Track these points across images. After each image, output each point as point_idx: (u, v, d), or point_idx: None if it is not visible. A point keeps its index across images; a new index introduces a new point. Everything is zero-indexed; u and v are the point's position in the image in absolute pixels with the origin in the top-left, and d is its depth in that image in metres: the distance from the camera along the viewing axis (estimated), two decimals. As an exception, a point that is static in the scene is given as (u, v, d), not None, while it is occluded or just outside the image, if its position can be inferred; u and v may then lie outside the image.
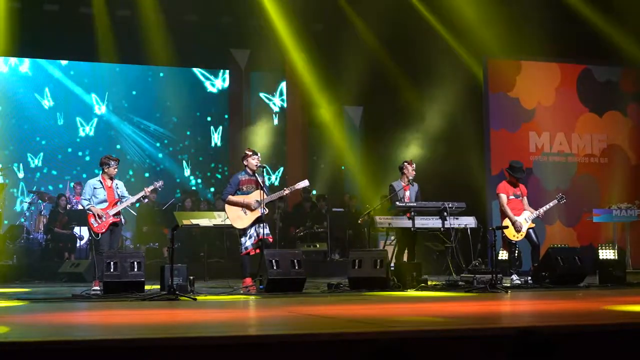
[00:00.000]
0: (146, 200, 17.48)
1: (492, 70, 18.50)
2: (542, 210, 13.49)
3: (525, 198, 13.56)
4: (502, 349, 4.66)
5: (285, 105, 21.52)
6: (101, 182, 12.02)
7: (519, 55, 18.38)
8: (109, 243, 11.88)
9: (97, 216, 11.79)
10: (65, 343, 5.71)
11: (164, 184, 12.97)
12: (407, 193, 13.26)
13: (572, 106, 18.80)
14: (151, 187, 12.47)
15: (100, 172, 12.17)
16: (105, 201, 11.93)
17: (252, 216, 12.07)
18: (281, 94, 21.55)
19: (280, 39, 18.64)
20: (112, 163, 12.09)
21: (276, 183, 20.52)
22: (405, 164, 13.48)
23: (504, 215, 13.35)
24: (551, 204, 13.67)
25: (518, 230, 13.19)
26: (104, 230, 11.81)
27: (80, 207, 16.04)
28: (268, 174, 12.47)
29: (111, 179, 12.10)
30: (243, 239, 12.16)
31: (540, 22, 16.91)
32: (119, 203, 12.00)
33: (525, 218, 13.29)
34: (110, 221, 11.86)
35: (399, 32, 17.91)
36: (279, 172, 21.05)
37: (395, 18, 17.78)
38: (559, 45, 17.55)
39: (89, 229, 12.11)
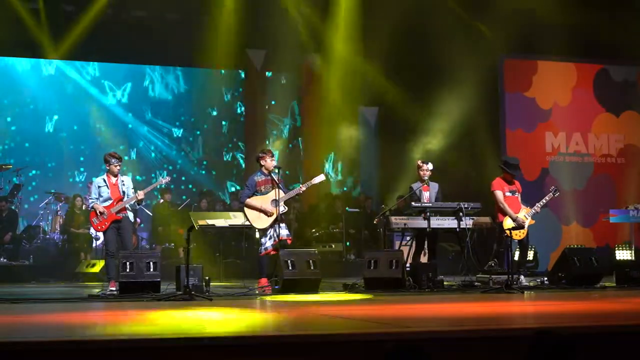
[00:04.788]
0: (161, 200, 17.70)
1: (508, 70, 18.46)
2: (538, 205, 13.12)
3: (519, 195, 13.23)
4: (519, 350, 4.64)
5: (301, 105, 21.51)
6: (105, 180, 11.90)
7: (535, 55, 18.32)
8: (116, 242, 11.78)
9: (98, 214, 11.73)
10: (81, 343, 5.72)
11: (171, 180, 12.90)
12: (427, 194, 13.18)
13: (589, 106, 18.74)
14: (156, 184, 12.72)
15: (106, 170, 12.07)
16: (109, 199, 11.79)
17: (272, 216, 12.08)
18: (297, 95, 21.52)
19: (297, 38, 18.62)
20: (114, 161, 11.89)
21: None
22: (419, 163, 13.40)
23: (500, 212, 12.97)
24: (547, 198, 13.28)
25: (520, 228, 12.83)
26: (104, 228, 11.73)
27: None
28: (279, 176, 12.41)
29: (115, 175, 11.93)
30: (263, 239, 12.17)
31: (556, 21, 16.84)
32: (123, 199, 11.91)
33: (525, 215, 12.92)
34: (113, 218, 11.71)
35: (415, 32, 17.86)
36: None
37: (411, 18, 17.74)
38: (575, 45, 17.48)
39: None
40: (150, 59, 19.84)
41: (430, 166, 13.30)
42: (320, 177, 12.64)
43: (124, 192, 11.90)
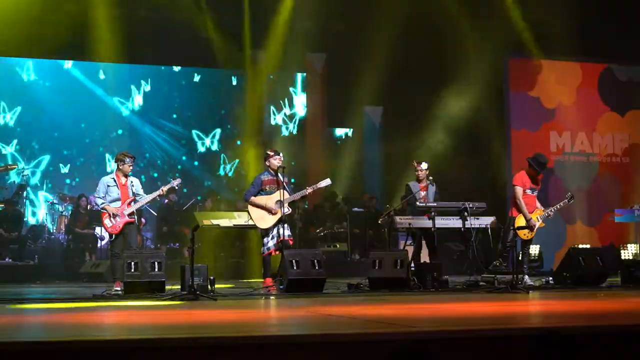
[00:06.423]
0: (166, 201, 17.71)
1: (513, 69, 18.46)
2: (551, 210, 13.10)
3: (537, 193, 13.15)
4: (525, 350, 4.64)
5: (305, 105, 21.50)
6: (115, 180, 11.75)
7: (540, 55, 18.31)
8: (123, 244, 11.68)
9: (111, 216, 11.67)
10: (86, 343, 5.72)
11: (182, 182, 12.83)
12: (424, 193, 13.17)
13: (594, 105, 18.75)
14: (168, 186, 12.16)
15: (115, 169, 11.96)
16: (118, 199, 11.67)
17: (275, 216, 12.07)
18: (302, 95, 21.52)
19: (300, 38, 18.62)
20: (127, 160, 11.74)
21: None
22: (414, 163, 13.39)
23: (515, 208, 12.94)
24: (561, 204, 13.26)
25: (531, 229, 12.83)
26: (117, 231, 11.62)
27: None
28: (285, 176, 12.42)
29: (126, 176, 11.80)
30: (265, 239, 12.16)
31: (560, 21, 16.83)
32: (133, 202, 11.77)
33: (538, 217, 12.86)
34: (125, 221, 11.65)
35: (420, 32, 17.87)
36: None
37: (416, 18, 17.74)
38: (580, 45, 17.46)
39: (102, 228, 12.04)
40: (155, 58, 19.84)
41: (425, 166, 13.28)
42: (327, 181, 12.61)
43: (133, 194, 11.85)
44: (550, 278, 13.35)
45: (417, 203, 12.94)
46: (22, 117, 19.64)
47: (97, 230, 16.80)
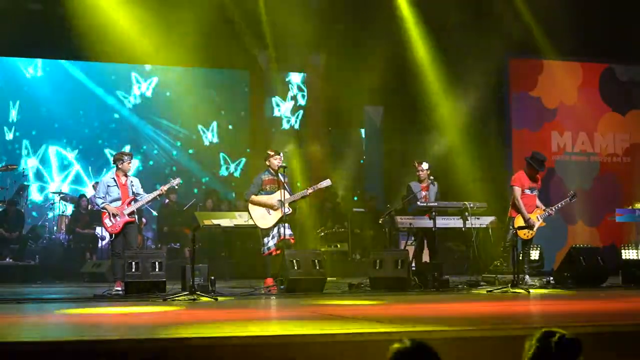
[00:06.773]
0: (166, 201, 17.70)
1: (513, 69, 18.44)
2: (553, 209, 13.08)
3: (537, 192, 13.12)
4: (524, 350, 4.62)
5: (305, 105, 21.48)
6: (115, 180, 11.76)
7: (541, 55, 18.29)
8: (123, 244, 11.67)
9: (111, 215, 11.68)
10: (86, 343, 5.72)
11: (181, 182, 12.84)
12: (425, 193, 13.17)
13: (595, 105, 18.71)
14: (168, 186, 12.15)
15: (115, 169, 11.94)
16: (119, 199, 11.68)
17: (275, 216, 12.07)
18: (302, 94, 21.51)
19: (302, 38, 18.58)
20: (126, 158, 11.79)
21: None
22: (415, 163, 13.39)
23: (514, 208, 12.90)
24: (563, 202, 13.25)
25: (530, 229, 12.82)
26: (117, 230, 11.61)
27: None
28: (286, 174, 12.41)
29: (126, 175, 11.83)
30: (266, 239, 12.15)
31: (561, 20, 16.82)
32: (133, 202, 11.78)
33: (538, 216, 12.85)
34: (125, 220, 11.65)
35: (420, 31, 17.86)
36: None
37: (415, 18, 17.74)
38: (580, 44, 17.45)
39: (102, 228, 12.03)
40: (156, 58, 19.81)
41: (425, 166, 13.29)
42: (327, 182, 12.61)
43: (133, 193, 11.85)
44: (551, 278, 13.34)
45: (418, 203, 12.94)
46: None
47: (98, 230, 16.77)
